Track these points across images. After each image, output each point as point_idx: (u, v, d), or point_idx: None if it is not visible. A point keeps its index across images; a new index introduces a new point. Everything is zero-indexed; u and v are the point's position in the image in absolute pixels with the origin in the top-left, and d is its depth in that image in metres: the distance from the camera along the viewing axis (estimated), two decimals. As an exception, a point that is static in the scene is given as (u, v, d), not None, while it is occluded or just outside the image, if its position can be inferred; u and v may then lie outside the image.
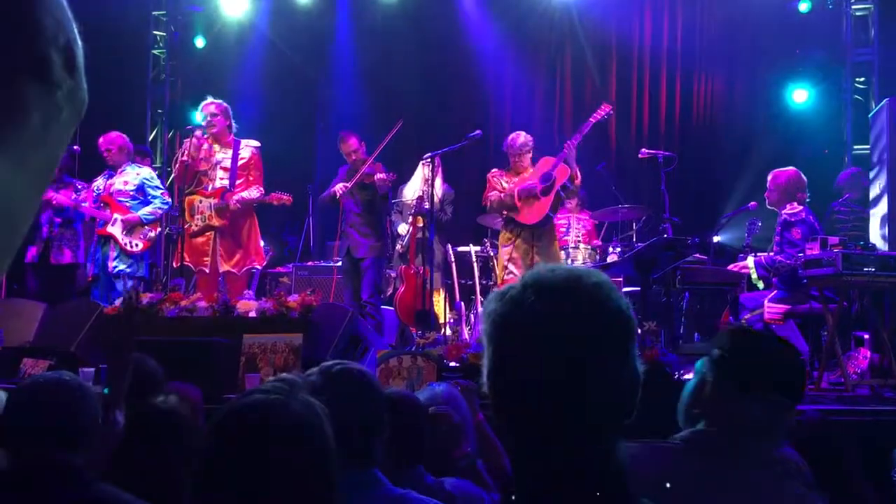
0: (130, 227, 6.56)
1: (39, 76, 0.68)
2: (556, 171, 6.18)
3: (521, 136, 6.40)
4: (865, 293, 5.61)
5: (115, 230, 6.55)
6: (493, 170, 6.55)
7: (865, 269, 4.91)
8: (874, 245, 5.42)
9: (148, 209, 6.64)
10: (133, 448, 2.23)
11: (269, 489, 1.25)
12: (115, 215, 6.58)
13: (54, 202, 6.79)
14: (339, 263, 6.96)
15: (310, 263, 8.08)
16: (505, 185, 6.36)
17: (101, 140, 6.74)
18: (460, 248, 7.78)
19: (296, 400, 1.32)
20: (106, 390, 2.50)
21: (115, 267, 6.51)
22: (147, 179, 6.74)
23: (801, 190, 5.83)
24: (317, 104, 10.29)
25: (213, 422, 1.34)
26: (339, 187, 6.55)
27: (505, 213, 6.37)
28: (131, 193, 6.66)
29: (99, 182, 6.78)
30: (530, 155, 6.40)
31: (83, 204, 6.78)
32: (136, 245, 6.57)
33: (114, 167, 6.74)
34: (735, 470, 1.67)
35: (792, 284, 5.57)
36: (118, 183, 6.68)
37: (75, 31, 0.73)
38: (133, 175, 6.73)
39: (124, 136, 6.85)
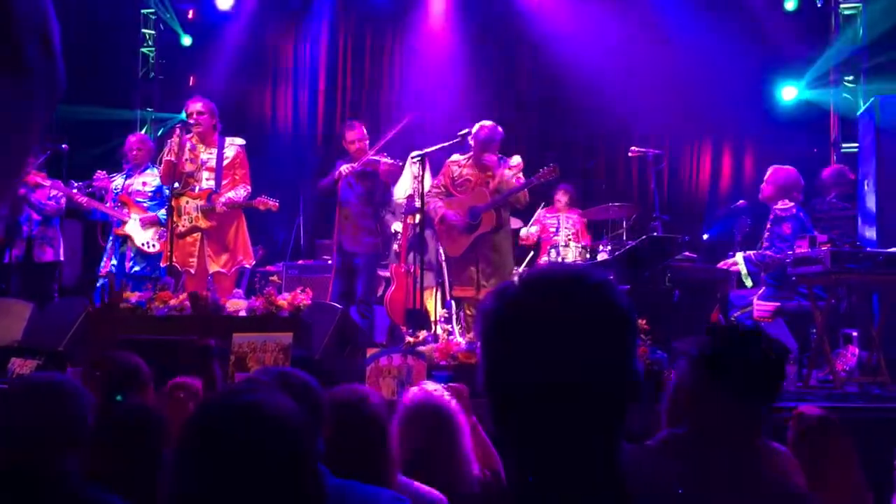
0: (148, 228, 6.60)
1: (10, 64, 0.66)
2: (483, 216, 5.98)
3: (485, 129, 6.11)
4: (854, 291, 5.64)
5: (133, 230, 6.59)
6: (454, 155, 6.30)
7: (854, 266, 4.94)
8: (862, 243, 5.45)
9: (165, 210, 6.64)
10: (103, 446, 2.21)
11: (250, 489, 1.24)
12: (133, 215, 6.62)
13: (79, 200, 6.78)
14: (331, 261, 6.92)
15: (300, 262, 8.06)
16: (457, 172, 6.20)
17: (133, 138, 6.92)
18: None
19: (276, 398, 1.31)
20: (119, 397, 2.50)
21: (132, 268, 6.56)
22: None
23: (797, 190, 5.88)
24: (309, 100, 10.25)
25: (189, 423, 1.32)
26: (344, 167, 6.39)
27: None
28: (149, 194, 6.73)
29: (118, 181, 6.81)
30: (495, 152, 6.12)
31: (82, 201, 6.77)
32: (153, 246, 6.60)
33: (137, 166, 6.81)
34: (715, 470, 1.62)
35: (781, 281, 5.60)
36: (137, 183, 6.75)
37: (52, 14, 0.71)
38: (152, 177, 6.78)
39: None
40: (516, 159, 6.21)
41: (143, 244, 6.58)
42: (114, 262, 6.61)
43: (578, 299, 1.09)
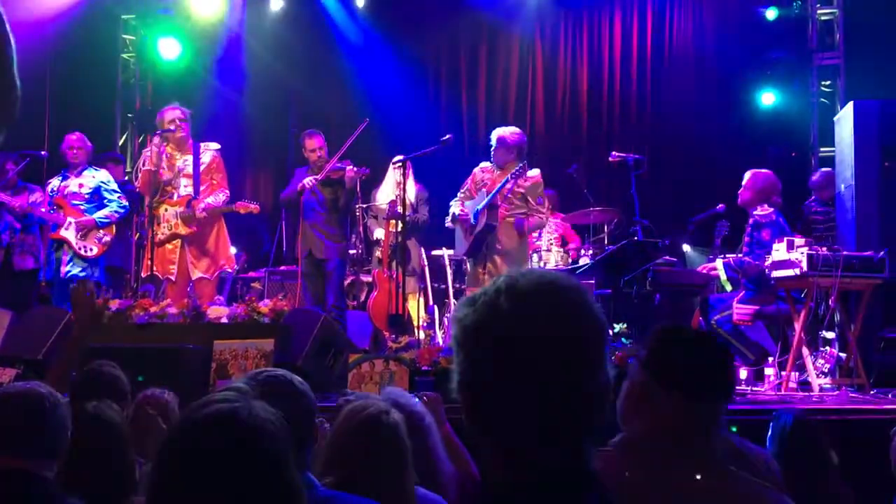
0: (85, 231, 6.46)
1: None
2: (481, 214, 6.02)
3: (500, 135, 6.15)
4: (831, 294, 5.69)
5: (69, 234, 6.45)
6: (483, 163, 6.33)
7: (831, 269, 4.99)
8: (839, 247, 5.50)
9: (103, 212, 6.53)
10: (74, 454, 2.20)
11: (224, 500, 1.23)
12: (69, 219, 6.47)
13: (12, 206, 6.67)
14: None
15: (282, 268, 8.04)
16: (479, 177, 6.23)
17: (72, 137, 6.64)
18: (434, 252, 7.78)
19: (253, 407, 1.30)
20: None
21: (69, 272, 6.40)
22: (104, 183, 6.64)
23: (775, 193, 5.91)
24: (289, 107, 10.24)
25: (170, 434, 1.32)
26: (307, 180, 6.36)
27: None
28: (86, 196, 6.56)
29: (54, 183, 6.66)
30: (511, 158, 6.09)
31: (41, 209, 6.65)
32: (91, 249, 6.46)
33: (73, 167, 6.63)
34: (670, 471, 1.62)
35: (760, 285, 5.65)
36: (73, 185, 6.58)
37: (8, 31, 0.72)
38: (89, 178, 6.62)
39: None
40: (534, 172, 6.17)
41: (80, 248, 6.42)
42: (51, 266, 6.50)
43: (552, 304, 1.10)
